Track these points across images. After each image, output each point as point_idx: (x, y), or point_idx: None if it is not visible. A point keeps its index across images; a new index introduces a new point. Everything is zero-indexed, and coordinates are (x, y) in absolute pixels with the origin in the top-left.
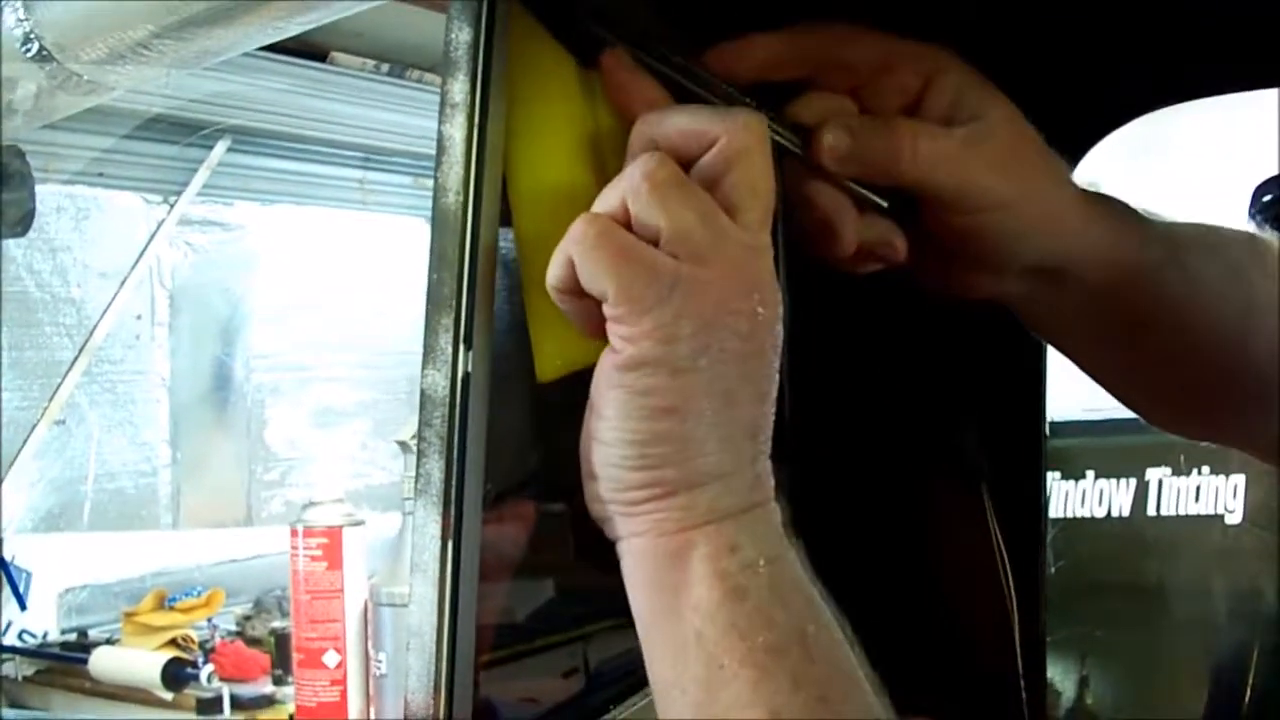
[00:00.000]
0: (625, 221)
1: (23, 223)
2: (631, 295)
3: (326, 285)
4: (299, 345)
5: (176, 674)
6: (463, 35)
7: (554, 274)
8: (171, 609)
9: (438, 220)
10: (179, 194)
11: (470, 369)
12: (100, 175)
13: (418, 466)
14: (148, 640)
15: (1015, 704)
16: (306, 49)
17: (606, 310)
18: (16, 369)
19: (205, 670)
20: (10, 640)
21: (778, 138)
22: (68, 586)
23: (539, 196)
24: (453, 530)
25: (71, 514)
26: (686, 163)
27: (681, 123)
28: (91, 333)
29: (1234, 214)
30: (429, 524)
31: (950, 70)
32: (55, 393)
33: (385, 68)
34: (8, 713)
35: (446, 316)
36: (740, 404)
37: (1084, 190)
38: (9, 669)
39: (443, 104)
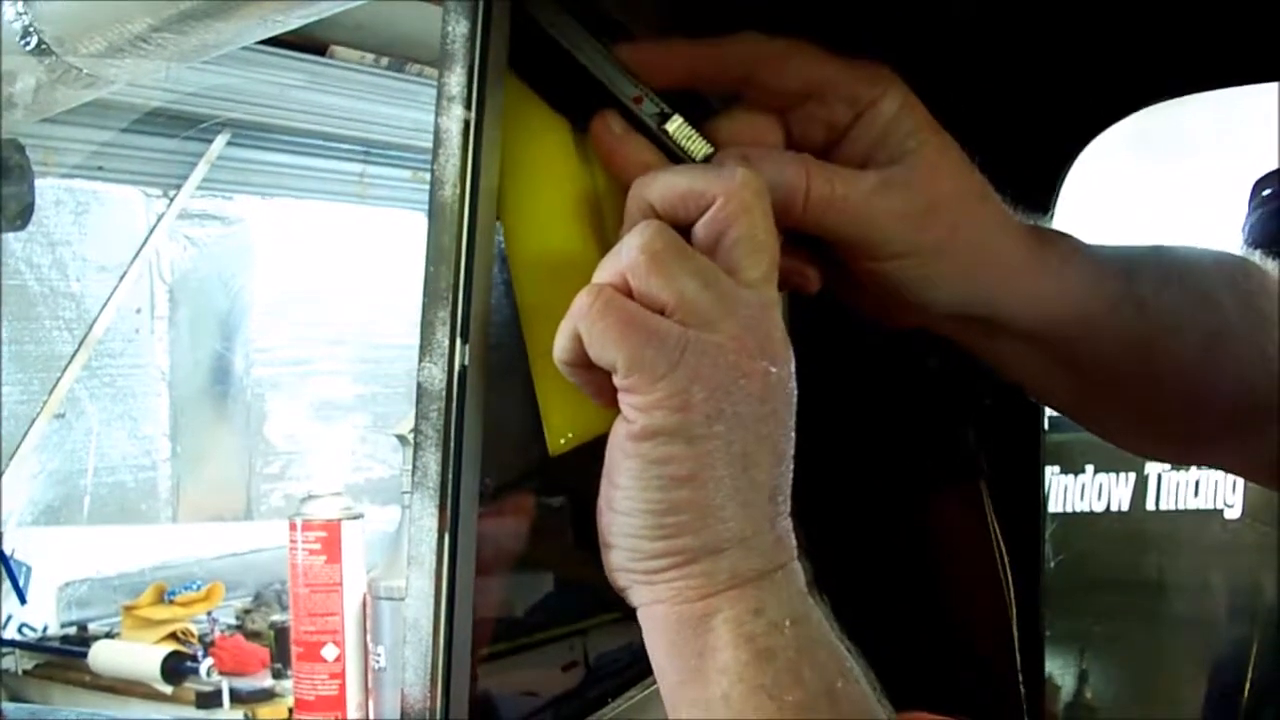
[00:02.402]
0: (628, 292)
1: (22, 217)
2: (641, 365)
3: (326, 279)
4: (298, 339)
5: (176, 667)
6: (459, 28)
7: (561, 347)
8: (171, 602)
9: (435, 213)
10: (178, 188)
11: (467, 362)
12: (99, 169)
13: (414, 459)
14: (147, 634)
15: (1014, 698)
16: (306, 43)
17: (617, 381)
18: (16, 363)
19: (205, 664)
20: (10, 634)
21: (679, 153)
22: (67, 580)
23: (539, 265)
24: (449, 523)
25: (71, 507)
26: (686, 224)
27: (677, 184)
28: (91, 326)
29: (1238, 207)
30: (426, 517)
31: (885, 104)
32: (55, 386)
33: (385, 61)
34: (8, 706)
35: (443, 310)
36: (758, 467)
37: (1031, 234)
38: (9, 662)
39: (439, 97)
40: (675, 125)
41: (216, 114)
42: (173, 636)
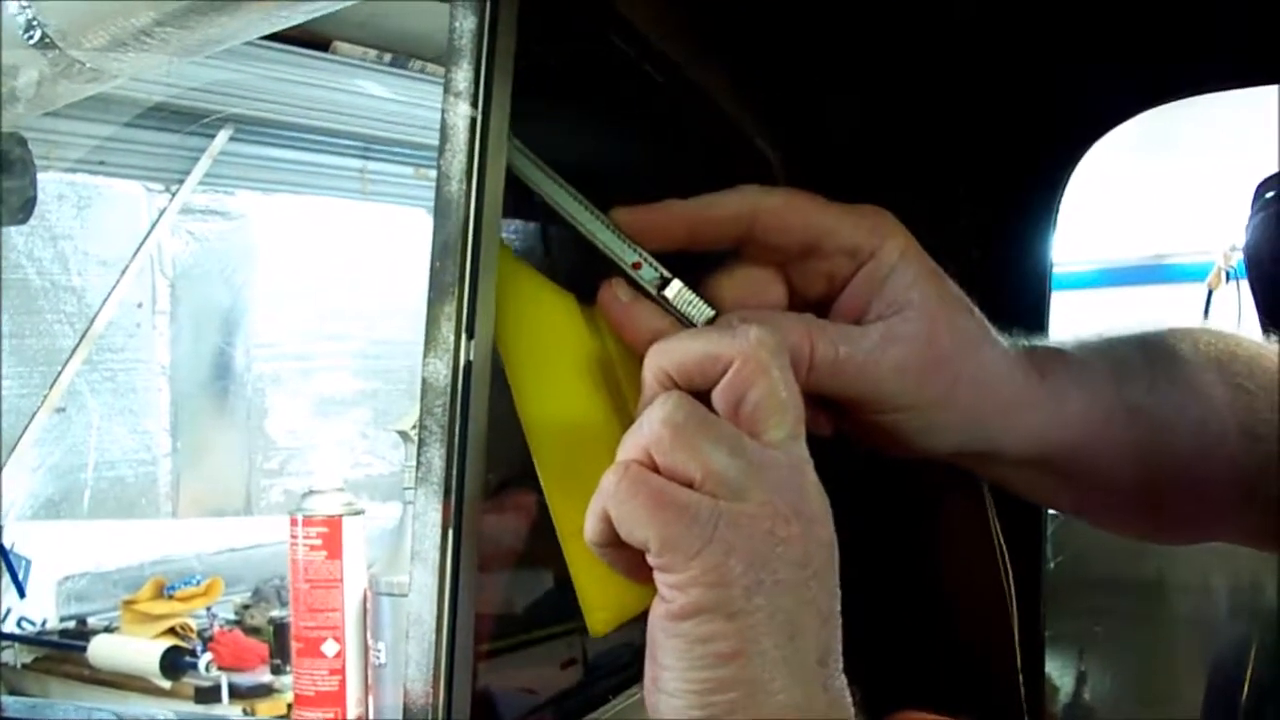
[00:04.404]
0: (654, 467)
1: (24, 210)
2: (674, 543)
3: (327, 275)
4: (299, 334)
5: (175, 662)
6: (467, 23)
7: (591, 529)
8: (170, 597)
9: (440, 208)
10: (180, 182)
11: (472, 358)
12: (102, 163)
13: (419, 455)
14: (146, 628)
15: (1014, 697)
16: (309, 38)
17: (651, 560)
18: (17, 356)
19: (204, 659)
20: (9, 627)
21: (678, 317)
22: (67, 574)
23: (559, 441)
24: (453, 519)
25: (71, 501)
26: (705, 389)
27: (692, 350)
28: (92, 321)
29: (1241, 210)
30: (429, 512)
31: (885, 254)
32: (56, 380)
33: (387, 58)
34: (6, 699)
35: (449, 305)
36: (805, 633)
37: (1025, 364)
38: (8, 656)
39: (446, 92)
40: (675, 291)
41: (219, 109)
42: (172, 631)
